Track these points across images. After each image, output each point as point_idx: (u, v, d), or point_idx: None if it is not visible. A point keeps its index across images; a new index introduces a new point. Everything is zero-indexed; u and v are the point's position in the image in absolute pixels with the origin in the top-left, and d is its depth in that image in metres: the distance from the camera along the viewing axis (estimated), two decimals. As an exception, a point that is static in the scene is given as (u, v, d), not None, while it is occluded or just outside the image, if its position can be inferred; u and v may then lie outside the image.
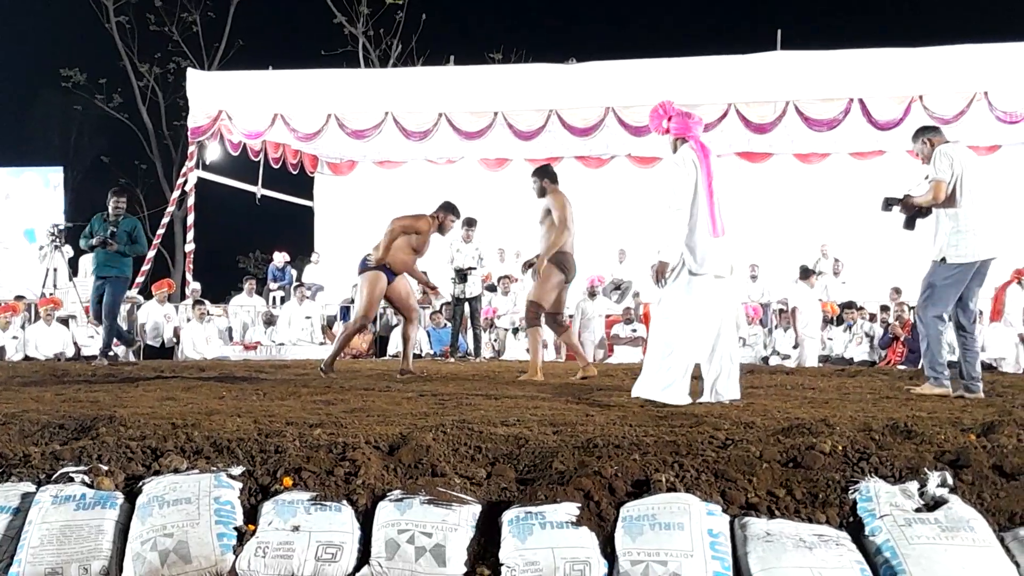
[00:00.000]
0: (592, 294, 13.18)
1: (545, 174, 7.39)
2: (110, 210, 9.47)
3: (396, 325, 13.58)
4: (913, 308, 12.55)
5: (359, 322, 7.49)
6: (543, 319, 7.32)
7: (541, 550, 2.46)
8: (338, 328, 14.14)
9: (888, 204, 5.76)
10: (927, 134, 5.74)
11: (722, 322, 5.04)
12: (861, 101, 12.80)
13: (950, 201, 5.39)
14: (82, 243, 9.72)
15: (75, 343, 12.44)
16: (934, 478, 2.62)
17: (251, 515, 2.70)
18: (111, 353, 9.90)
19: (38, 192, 16.89)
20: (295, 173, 16.89)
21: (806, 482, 2.69)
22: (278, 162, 15.93)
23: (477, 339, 12.41)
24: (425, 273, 8.31)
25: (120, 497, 2.74)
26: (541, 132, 13.76)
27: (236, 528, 2.63)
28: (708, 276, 4.96)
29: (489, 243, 13.53)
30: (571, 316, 13.07)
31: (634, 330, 13.36)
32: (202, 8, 25.04)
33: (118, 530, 2.65)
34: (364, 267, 7.36)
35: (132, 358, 11.01)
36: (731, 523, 2.54)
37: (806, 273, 12.47)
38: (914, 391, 5.46)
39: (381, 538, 2.55)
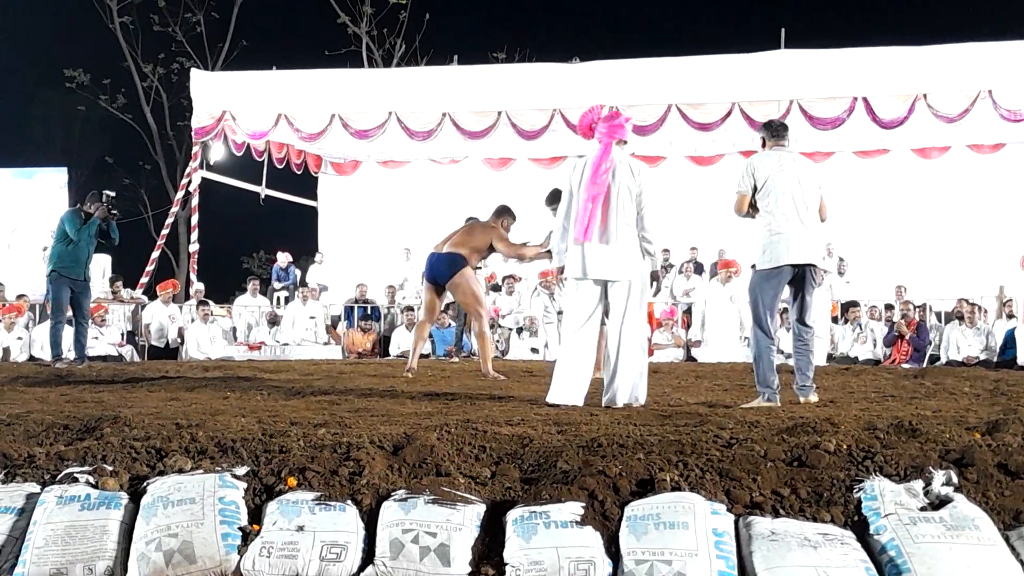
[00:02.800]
0: None
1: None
2: (95, 212, 8.89)
3: (400, 325, 13.58)
4: (917, 307, 12.55)
5: (486, 315, 7.57)
6: None
7: (545, 550, 2.46)
8: (342, 328, 14.14)
9: None
10: (765, 132, 5.47)
11: (613, 325, 5.04)
12: (865, 100, 12.77)
13: (756, 210, 5.29)
14: (94, 233, 8.90)
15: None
16: (939, 477, 2.62)
17: (255, 515, 2.70)
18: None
19: (50, 193, 16.94)
20: (299, 173, 16.89)
21: (811, 481, 2.68)
22: (282, 162, 15.92)
23: (481, 339, 12.36)
24: None
25: (124, 497, 2.75)
26: (545, 132, 13.73)
27: (240, 528, 2.64)
28: (576, 281, 5.01)
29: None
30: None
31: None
32: (206, 8, 25.05)
33: (123, 530, 2.65)
34: (461, 263, 7.28)
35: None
36: (736, 522, 2.54)
37: None
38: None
39: (385, 538, 2.56)
